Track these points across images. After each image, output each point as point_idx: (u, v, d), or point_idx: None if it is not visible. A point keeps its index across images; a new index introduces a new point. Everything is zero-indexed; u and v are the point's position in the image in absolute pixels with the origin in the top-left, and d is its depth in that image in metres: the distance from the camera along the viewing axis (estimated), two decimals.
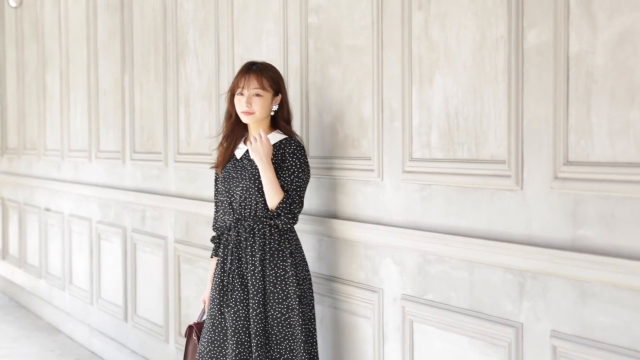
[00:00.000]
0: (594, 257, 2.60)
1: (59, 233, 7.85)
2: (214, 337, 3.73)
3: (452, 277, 3.22)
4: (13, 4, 8.39)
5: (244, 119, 3.71)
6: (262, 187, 3.64)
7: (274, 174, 3.61)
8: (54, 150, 7.96)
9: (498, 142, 3.00)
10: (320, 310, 4.01)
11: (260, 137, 3.61)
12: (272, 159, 3.66)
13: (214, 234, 3.99)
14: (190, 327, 4.00)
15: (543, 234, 2.82)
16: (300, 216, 4.06)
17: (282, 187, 3.63)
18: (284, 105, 3.77)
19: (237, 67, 4.60)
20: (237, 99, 3.70)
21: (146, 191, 5.95)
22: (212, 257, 3.97)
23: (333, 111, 3.89)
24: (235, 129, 3.83)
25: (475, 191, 3.11)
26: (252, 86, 3.65)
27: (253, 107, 3.66)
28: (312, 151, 4.04)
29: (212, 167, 4.01)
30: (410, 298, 3.44)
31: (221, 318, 3.72)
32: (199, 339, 3.91)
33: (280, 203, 3.61)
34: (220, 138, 3.90)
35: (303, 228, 4.04)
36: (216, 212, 3.96)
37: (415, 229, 3.39)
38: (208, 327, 3.76)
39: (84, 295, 7.23)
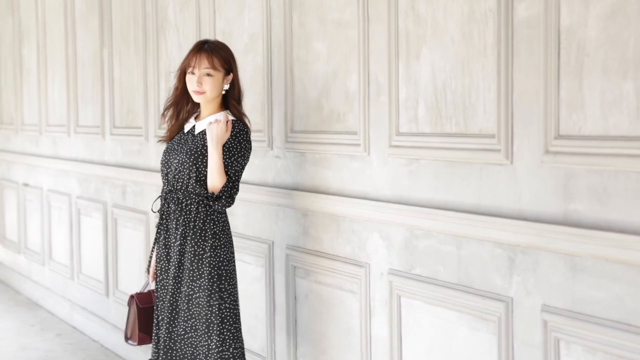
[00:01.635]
0: (586, 231, 2.60)
1: (38, 208, 7.79)
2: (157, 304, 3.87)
3: (440, 251, 3.21)
4: None
5: (196, 98, 3.74)
6: (196, 163, 3.67)
7: (222, 159, 3.62)
8: (32, 125, 7.88)
9: (487, 116, 2.98)
10: (305, 285, 4.00)
11: (221, 121, 3.62)
12: None
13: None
14: (131, 297, 4.08)
15: (533, 208, 2.81)
16: (285, 191, 4.05)
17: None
18: (235, 85, 3.79)
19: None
20: (188, 77, 3.73)
21: (127, 166, 5.91)
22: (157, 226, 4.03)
23: (318, 86, 3.86)
24: (180, 102, 3.86)
25: (464, 165, 3.09)
26: (203, 66, 3.67)
27: (204, 86, 3.68)
28: (297, 126, 4.01)
29: (159, 141, 4.08)
30: (398, 273, 3.43)
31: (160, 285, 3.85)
32: (138, 310, 4.01)
33: (222, 187, 3.62)
34: (163, 109, 3.94)
35: (287, 203, 4.03)
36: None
37: (402, 204, 3.38)
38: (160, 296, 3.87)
39: (64, 271, 7.19)
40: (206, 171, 3.67)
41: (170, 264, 3.73)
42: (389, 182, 3.47)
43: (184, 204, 3.71)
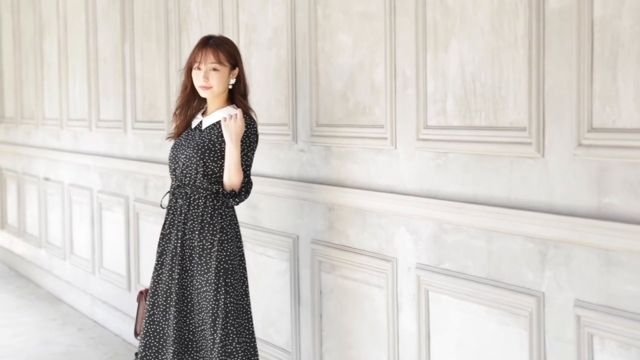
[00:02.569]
0: (621, 225, 2.56)
1: (58, 203, 7.79)
2: (152, 300, 3.83)
3: (469, 246, 3.18)
4: None
5: (202, 93, 3.75)
6: (204, 158, 3.69)
7: (239, 155, 3.63)
8: (53, 119, 7.88)
9: (518, 108, 2.94)
10: (330, 279, 3.98)
11: (236, 116, 3.63)
12: (221, 134, 3.72)
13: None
14: (140, 293, 4.09)
15: (566, 202, 2.78)
16: (311, 185, 4.03)
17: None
18: (240, 79, 3.79)
19: (242, 36, 4.56)
20: (194, 73, 3.73)
21: (149, 160, 5.90)
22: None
23: (343, 79, 3.83)
24: (190, 101, 3.87)
25: (494, 159, 3.06)
26: (209, 61, 3.68)
27: (210, 81, 3.69)
28: (322, 119, 3.98)
29: (168, 138, 4.06)
30: (426, 267, 3.40)
31: (158, 280, 3.83)
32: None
33: (242, 185, 3.66)
34: (174, 109, 3.95)
35: (312, 197, 4.00)
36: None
37: (430, 198, 3.35)
38: (150, 290, 3.86)
39: (85, 265, 7.19)
40: (213, 166, 3.69)
41: (182, 258, 3.72)
42: (416, 175, 3.44)
43: (191, 199, 3.72)
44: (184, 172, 3.73)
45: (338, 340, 3.95)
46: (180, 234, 3.72)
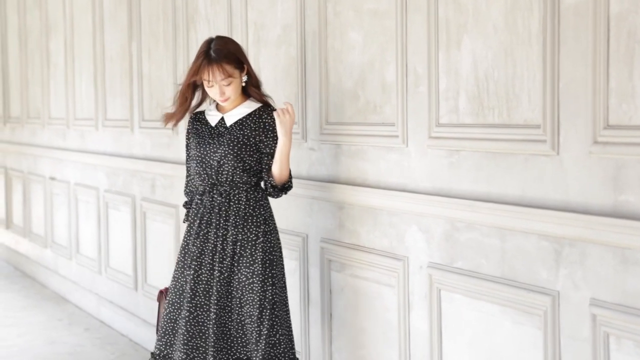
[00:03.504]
0: (637, 223, 2.54)
1: (64, 202, 7.78)
2: (175, 299, 3.78)
3: (482, 244, 3.16)
4: None
5: (223, 104, 3.76)
6: (241, 154, 3.69)
7: (290, 147, 3.69)
8: (59, 119, 7.86)
9: (532, 106, 2.92)
10: (340, 278, 3.96)
11: (288, 110, 3.63)
12: (252, 128, 3.73)
13: (185, 199, 4.02)
14: (160, 292, 4.05)
15: (581, 199, 2.75)
16: (321, 183, 4.01)
17: (273, 156, 3.72)
18: (251, 74, 3.77)
19: (251, 33, 4.54)
20: (208, 89, 3.71)
21: (156, 159, 5.88)
22: (184, 222, 4.00)
23: (353, 77, 3.81)
24: (188, 109, 3.88)
25: (507, 157, 3.03)
26: (218, 78, 3.64)
27: (227, 94, 3.69)
28: (332, 117, 3.96)
29: (173, 126, 4.01)
30: (438, 266, 3.37)
31: (184, 281, 3.77)
32: None
33: (289, 177, 3.74)
34: (174, 112, 3.90)
35: (322, 195, 3.99)
36: (187, 177, 3.98)
37: (442, 196, 3.32)
38: (171, 289, 3.81)
39: (91, 265, 7.17)
40: (250, 160, 3.71)
41: (217, 257, 3.69)
42: (428, 174, 3.41)
43: (231, 195, 3.72)
44: (220, 170, 3.71)
45: (348, 340, 3.93)
46: (221, 231, 3.70)
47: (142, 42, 6.00)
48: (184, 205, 3.99)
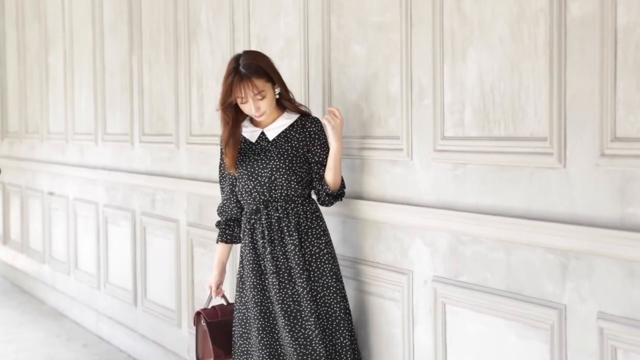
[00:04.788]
0: None
1: (63, 217, 7.75)
2: (264, 324, 3.67)
3: (487, 258, 3.14)
4: None
5: (259, 119, 3.70)
6: (293, 166, 3.63)
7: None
8: (58, 133, 7.84)
9: (538, 118, 2.91)
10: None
11: (336, 114, 3.59)
12: (298, 139, 3.67)
13: (219, 218, 3.93)
14: (197, 314, 3.94)
15: (588, 212, 2.74)
16: None
17: (322, 165, 3.68)
18: (282, 86, 3.71)
19: (253, 47, 4.54)
20: (242, 106, 3.64)
21: (156, 174, 5.86)
22: (218, 242, 3.94)
23: (357, 89, 3.80)
24: (236, 131, 3.75)
25: (513, 170, 3.02)
26: (250, 94, 3.58)
27: (262, 109, 3.63)
28: None
29: (227, 170, 3.83)
30: (443, 280, 3.35)
31: (269, 303, 3.67)
32: (208, 324, 3.85)
33: (341, 183, 3.70)
34: (222, 144, 3.79)
35: (326, 210, 3.96)
36: (223, 196, 3.89)
37: (447, 209, 3.31)
38: (255, 314, 3.67)
39: (90, 280, 7.14)
40: (301, 171, 3.65)
41: (293, 274, 3.61)
42: (433, 187, 3.40)
43: (289, 210, 3.65)
44: (272, 185, 3.63)
45: None
46: (280, 247, 3.63)
47: (143, 55, 5.99)
48: (217, 225, 3.91)
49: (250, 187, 3.69)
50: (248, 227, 3.72)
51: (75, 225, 7.45)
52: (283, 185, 3.63)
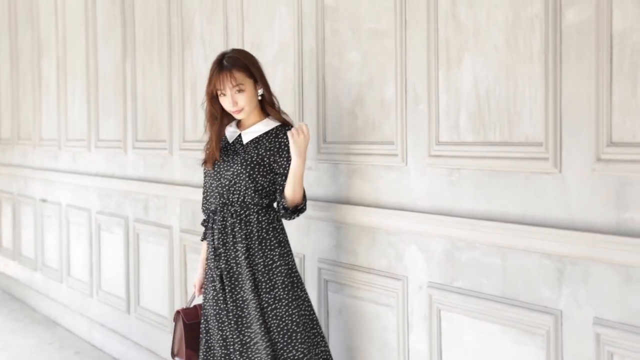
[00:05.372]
0: None
1: (55, 224, 7.72)
2: (220, 321, 3.70)
3: (483, 263, 3.13)
4: None
5: (238, 116, 3.68)
6: (253, 174, 3.61)
7: (304, 169, 3.58)
8: (51, 139, 7.82)
9: (534, 123, 2.90)
10: (338, 299, 3.92)
11: (303, 130, 3.53)
12: (267, 148, 3.64)
13: (204, 216, 3.93)
14: (177, 313, 3.96)
15: (584, 217, 2.73)
16: (318, 203, 3.98)
17: (287, 177, 3.61)
18: (266, 90, 3.70)
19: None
20: (222, 100, 3.64)
21: (149, 180, 5.84)
22: (202, 240, 3.92)
23: (352, 95, 3.79)
24: (222, 130, 3.76)
25: (508, 175, 3.02)
26: (229, 85, 3.58)
27: (240, 104, 3.61)
28: (329, 136, 3.94)
29: (202, 164, 3.86)
30: (438, 285, 3.35)
31: (222, 302, 3.68)
32: (184, 326, 3.88)
33: (303, 198, 3.61)
34: (208, 140, 3.80)
35: (319, 215, 3.96)
36: (204, 194, 3.88)
37: (442, 215, 3.30)
38: (212, 312, 3.71)
39: (83, 287, 7.11)
40: (263, 181, 3.62)
41: (237, 278, 3.62)
42: (427, 192, 3.39)
43: (243, 216, 3.63)
44: (231, 189, 3.64)
45: None
46: (233, 252, 3.63)
47: (137, 61, 5.98)
48: (201, 223, 3.89)
49: (213, 186, 3.72)
50: (210, 225, 3.75)
51: (68, 232, 7.43)
52: (241, 191, 3.62)
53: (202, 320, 3.77)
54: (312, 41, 4.04)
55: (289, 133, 3.55)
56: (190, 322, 3.87)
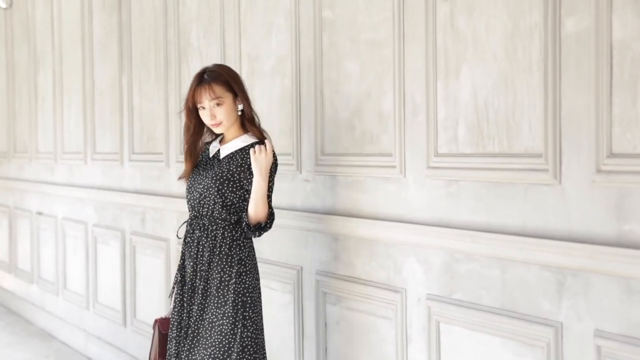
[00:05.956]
0: None
1: (52, 237, 7.70)
2: (170, 333, 3.74)
3: (482, 275, 3.11)
4: (3, 5, 8.23)
5: (216, 130, 3.69)
6: (222, 189, 3.61)
7: (267, 187, 3.56)
8: (47, 152, 7.80)
9: (533, 134, 2.89)
10: (336, 311, 3.90)
11: (265, 148, 3.54)
12: (238, 164, 3.63)
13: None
14: (155, 321, 3.97)
15: (584, 229, 2.71)
16: (316, 215, 3.96)
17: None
18: (246, 106, 3.69)
19: (245, 65, 4.51)
20: (201, 113, 3.65)
21: (146, 192, 5.82)
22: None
23: (350, 107, 3.78)
24: (196, 141, 3.78)
25: (508, 186, 3.00)
26: (208, 98, 3.59)
27: (218, 117, 3.62)
28: (327, 148, 3.92)
29: (180, 179, 3.91)
30: (437, 298, 3.32)
31: (183, 311, 3.70)
32: (160, 336, 3.90)
33: (268, 217, 3.58)
34: (184, 152, 3.83)
35: (317, 227, 3.94)
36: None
37: (441, 227, 3.28)
38: (174, 320, 3.74)
39: (79, 300, 7.08)
40: (232, 197, 3.61)
41: (196, 291, 3.63)
42: (426, 204, 3.37)
43: (209, 230, 3.63)
44: (201, 202, 3.64)
45: None
46: (198, 265, 3.63)
47: (133, 74, 5.96)
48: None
49: (188, 197, 3.75)
50: (183, 237, 3.78)
51: (64, 245, 7.40)
52: (209, 205, 3.63)
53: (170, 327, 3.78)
54: (309, 53, 4.03)
55: (250, 150, 3.56)
56: (165, 332, 3.88)
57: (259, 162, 3.53)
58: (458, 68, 3.20)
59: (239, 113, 3.67)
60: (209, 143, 3.84)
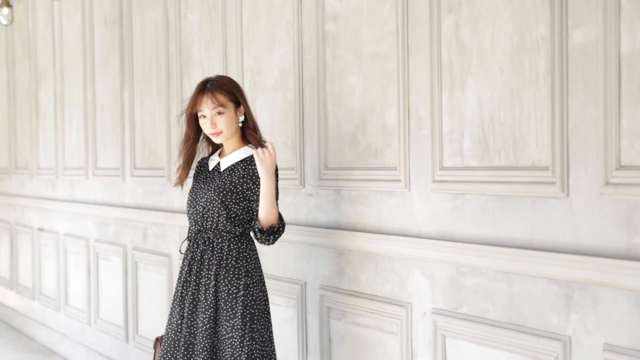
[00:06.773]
0: None
1: (53, 253, 7.67)
2: (165, 348, 3.67)
3: (489, 289, 3.08)
4: (4, 22, 8.22)
5: (215, 140, 3.65)
6: (225, 201, 3.56)
7: (274, 188, 3.53)
8: (48, 168, 7.78)
9: (540, 147, 2.87)
10: (340, 326, 3.87)
11: (268, 148, 3.52)
12: (240, 175, 3.60)
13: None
14: (156, 340, 3.93)
15: (592, 242, 2.69)
16: (319, 229, 3.94)
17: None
18: (248, 117, 3.66)
19: (247, 79, 4.50)
20: (201, 122, 3.62)
21: (148, 208, 5.80)
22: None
23: (353, 121, 3.76)
24: (194, 151, 3.75)
25: (514, 200, 2.98)
26: (210, 106, 3.56)
27: (219, 126, 3.58)
28: (331, 162, 3.90)
29: (175, 185, 3.89)
30: (443, 312, 3.30)
31: (171, 329, 3.66)
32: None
33: (279, 220, 3.54)
34: (179, 160, 3.80)
35: (321, 242, 3.91)
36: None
37: (446, 240, 3.26)
38: (165, 338, 3.70)
39: (81, 316, 7.05)
40: (236, 208, 3.57)
41: (201, 307, 3.59)
42: (431, 218, 3.35)
43: (214, 243, 3.59)
44: (205, 216, 3.60)
45: None
46: (204, 279, 3.58)
47: (135, 89, 5.95)
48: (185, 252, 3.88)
49: (190, 212, 3.70)
50: (185, 252, 3.74)
51: (66, 261, 7.37)
52: (213, 218, 3.58)
53: (164, 344, 3.71)
54: (312, 66, 4.01)
55: (254, 153, 3.53)
56: None
57: (264, 162, 3.49)
58: (463, 81, 3.18)
59: (240, 124, 3.64)
60: (207, 158, 3.81)
